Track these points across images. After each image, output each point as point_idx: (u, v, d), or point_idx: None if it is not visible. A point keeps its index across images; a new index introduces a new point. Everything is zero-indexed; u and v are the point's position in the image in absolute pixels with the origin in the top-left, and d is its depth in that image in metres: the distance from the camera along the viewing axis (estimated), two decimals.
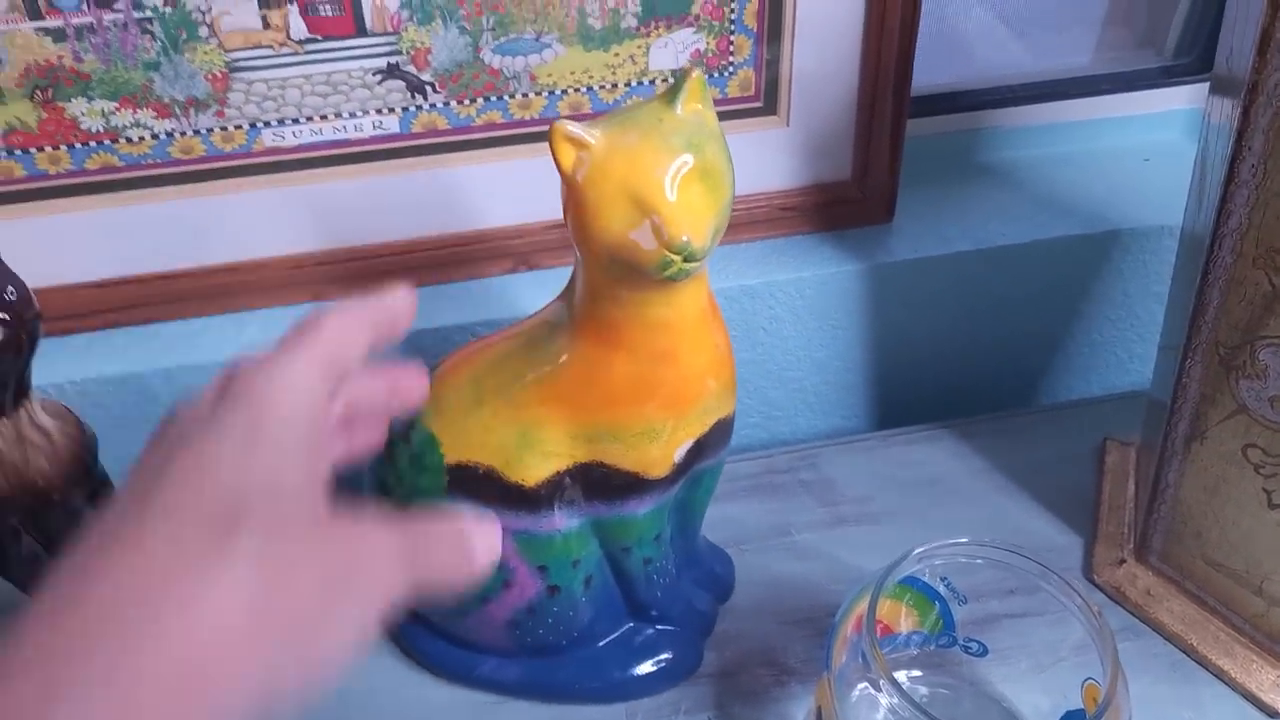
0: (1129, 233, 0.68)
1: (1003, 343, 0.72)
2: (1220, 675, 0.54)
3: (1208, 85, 0.48)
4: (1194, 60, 0.75)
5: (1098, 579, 0.58)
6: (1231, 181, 0.42)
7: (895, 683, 0.42)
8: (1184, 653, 0.55)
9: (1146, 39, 0.78)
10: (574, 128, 0.39)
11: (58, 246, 0.58)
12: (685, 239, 0.39)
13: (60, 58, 0.53)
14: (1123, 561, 0.58)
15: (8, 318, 0.38)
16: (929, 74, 0.72)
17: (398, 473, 0.49)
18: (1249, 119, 0.40)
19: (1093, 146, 0.74)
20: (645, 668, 0.53)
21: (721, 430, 0.48)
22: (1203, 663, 0.54)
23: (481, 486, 0.47)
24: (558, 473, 0.47)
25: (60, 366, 0.59)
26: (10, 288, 0.39)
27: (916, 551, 0.46)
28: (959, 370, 0.72)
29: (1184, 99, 0.74)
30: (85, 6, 0.52)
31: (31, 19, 0.52)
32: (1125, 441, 0.64)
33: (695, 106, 0.41)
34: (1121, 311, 0.72)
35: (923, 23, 0.70)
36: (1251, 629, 0.53)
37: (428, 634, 0.54)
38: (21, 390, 0.41)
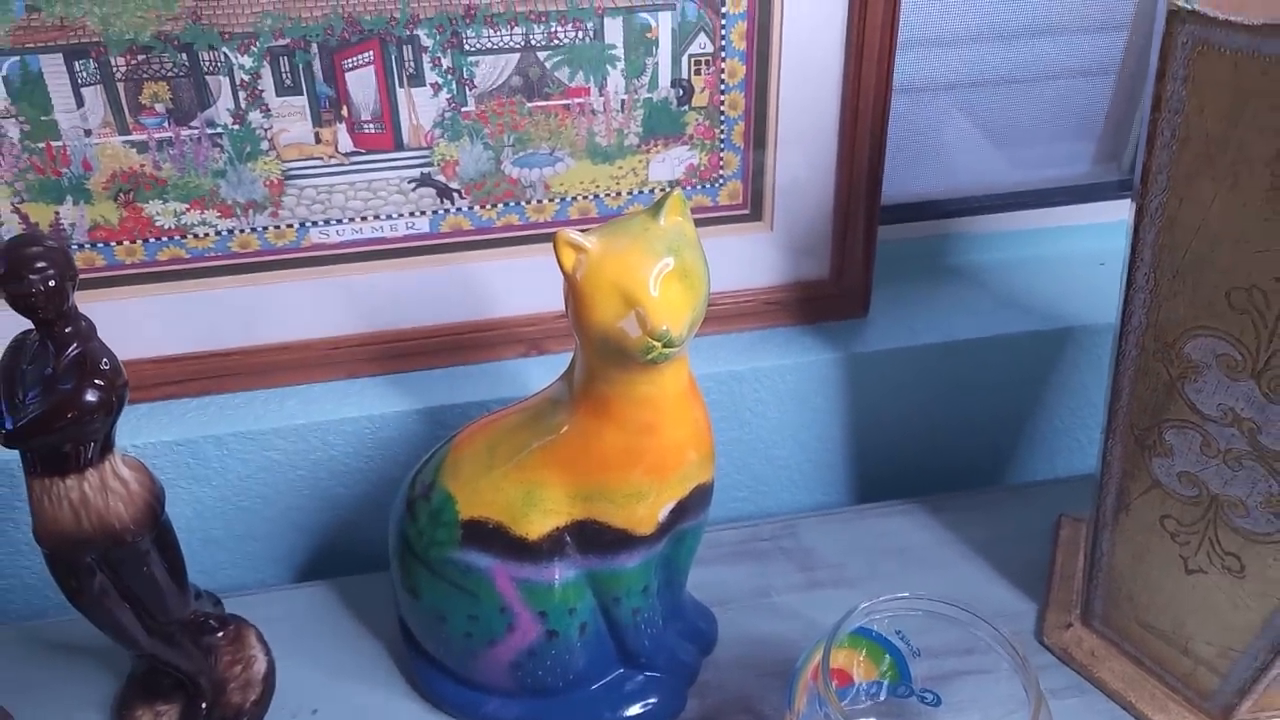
0: (1083, 329, 0.75)
1: (969, 427, 0.78)
2: None
3: None
4: None
5: (1047, 641, 0.64)
6: (1131, 285, 0.49)
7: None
8: (1124, 709, 0.60)
9: (1109, 154, 0.86)
10: (574, 235, 0.47)
11: (127, 326, 0.66)
12: (665, 328, 0.47)
13: (142, 166, 0.62)
14: (1070, 625, 0.64)
15: (102, 383, 0.46)
16: (909, 183, 0.80)
17: (418, 527, 0.56)
18: (1139, 235, 0.47)
19: (1053, 251, 0.82)
20: (634, 710, 0.59)
21: (701, 494, 0.55)
22: (1140, 718, 0.60)
23: (491, 539, 0.54)
24: (557, 528, 0.54)
25: (122, 431, 0.66)
26: (105, 360, 0.46)
27: (863, 606, 0.52)
28: (929, 451, 0.79)
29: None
30: (167, 123, 0.61)
31: (120, 133, 0.61)
32: (1078, 518, 0.70)
33: (676, 219, 0.49)
34: (1080, 400, 0.79)
35: (906, 137, 0.79)
36: (1183, 687, 0.59)
37: (438, 674, 0.60)
38: (107, 445, 0.48)
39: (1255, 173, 0.42)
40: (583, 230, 0.48)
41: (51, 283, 0.44)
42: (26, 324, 0.47)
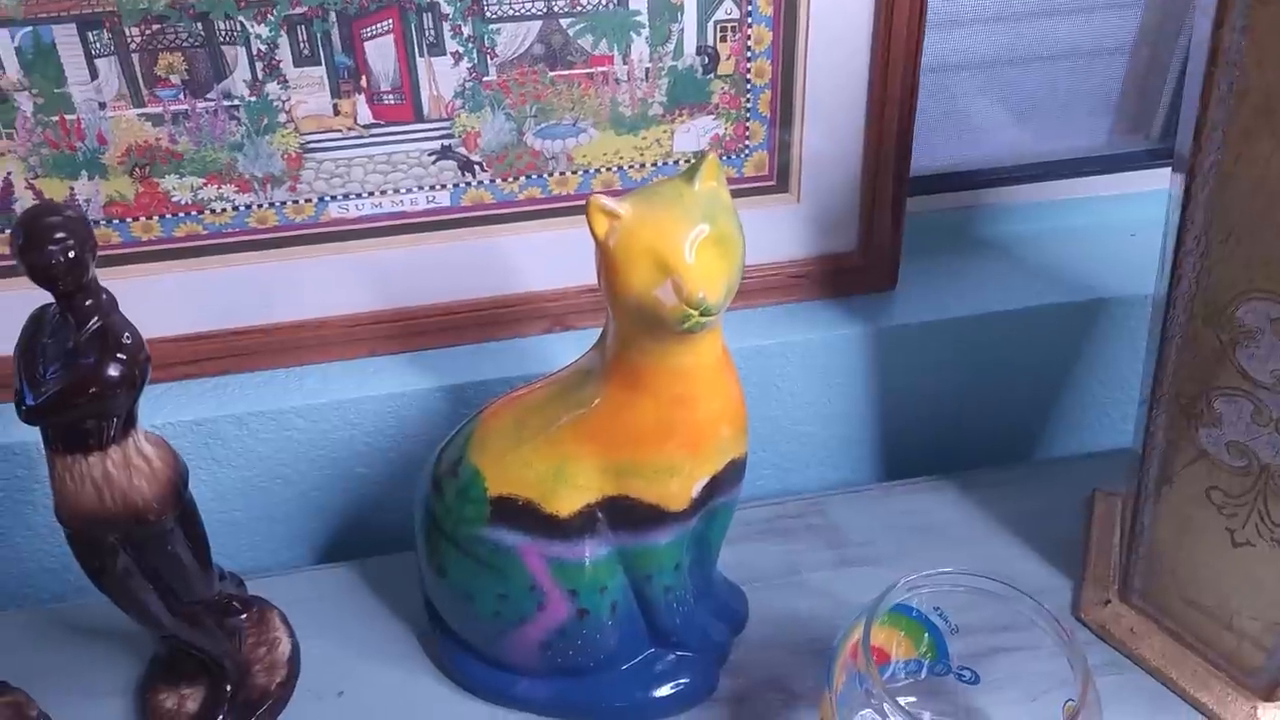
0: (1116, 301, 0.74)
1: (999, 401, 0.77)
2: (1199, 708, 0.58)
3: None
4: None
5: (1085, 617, 0.63)
6: (1180, 250, 0.48)
7: (894, 699, 0.47)
8: (1165, 686, 0.59)
9: (1137, 125, 0.85)
10: (607, 201, 0.46)
11: (144, 304, 0.64)
12: (701, 296, 0.45)
13: (158, 139, 0.61)
14: (1108, 601, 0.62)
15: (124, 357, 0.45)
16: (936, 155, 0.79)
17: (445, 504, 0.55)
18: (1190, 195, 0.46)
19: (1083, 222, 0.80)
20: (665, 690, 0.58)
21: (734, 469, 0.54)
22: (1182, 695, 0.59)
23: (520, 516, 0.53)
24: (588, 504, 0.52)
25: (140, 411, 0.65)
26: (127, 334, 0.45)
27: (906, 580, 0.51)
28: (958, 427, 0.78)
29: (1167, 180, 0.80)
30: (182, 95, 0.60)
31: (135, 106, 0.60)
32: (1113, 493, 0.69)
33: (711, 184, 0.47)
34: (1111, 374, 0.77)
35: (930, 113, 0.77)
36: (1226, 663, 0.58)
37: (466, 655, 0.59)
38: (130, 422, 0.47)
39: None
40: (615, 196, 0.46)
41: (71, 254, 0.43)
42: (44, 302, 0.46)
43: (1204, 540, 0.55)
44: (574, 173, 0.66)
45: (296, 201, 0.64)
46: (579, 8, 0.61)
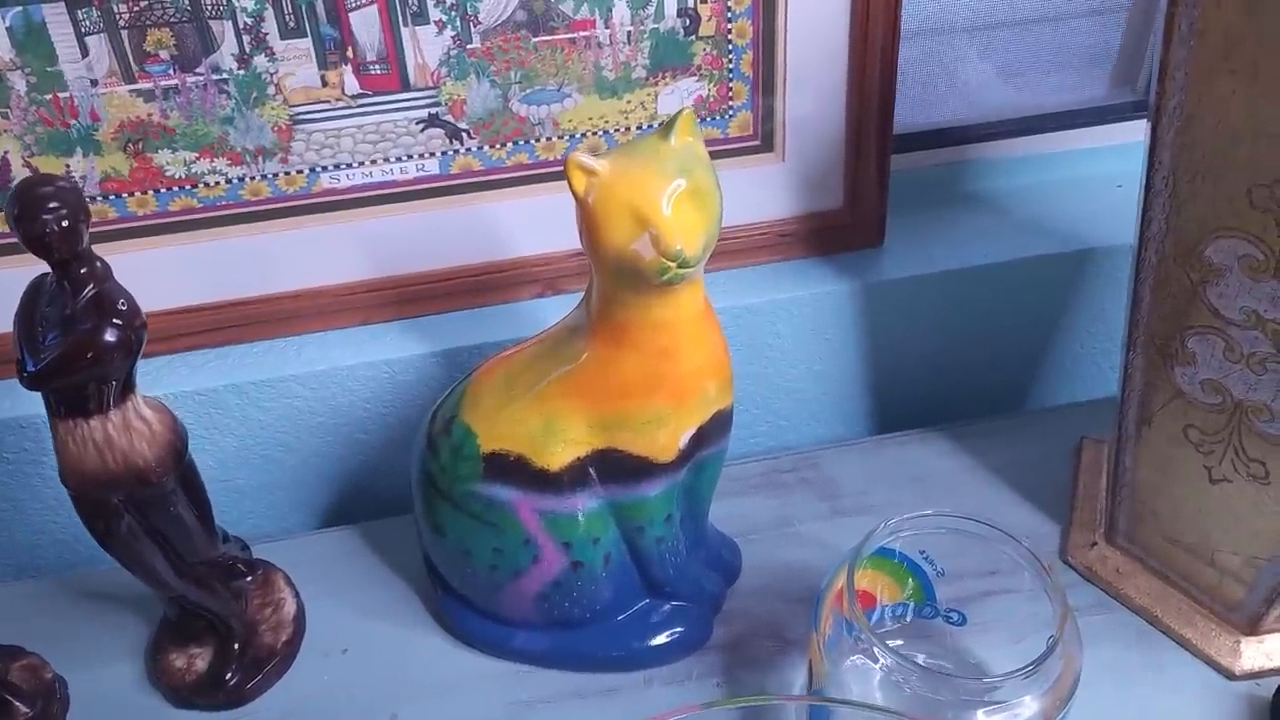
0: (1102, 251, 0.75)
1: (988, 353, 0.78)
2: (1184, 643, 0.59)
3: None
4: None
5: (1072, 560, 0.64)
6: (1150, 191, 0.48)
7: (883, 642, 0.48)
8: (1150, 624, 0.61)
9: (1124, 78, 0.85)
10: (585, 158, 0.47)
11: (143, 279, 0.65)
12: (679, 248, 0.46)
13: (150, 115, 0.62)
14: (1094, 544, 0.64)
15: (120, 322, 0.46)
16: (924, 113, 0.79)
17: (440, 463, 0.56)
18: (1157, 137, 0.47)
19: (1069, 175, 0.81)
20: (660, 639, 0.60)
21: (720, 421, 0.55)
22: (1168, 632, 0.60)
23: (513, 471, 0.54)
24: (579, 458, 0.54)
25: (142, 383, 0.66)
26: (122, 300, 0.47)
27: (887, 524, 0.52)
28: (948, 379, 0.79)
29: None
30: (172, 70, 0.61)
31: (126, 82, 0.61)
32: (1099, 439, 0.70)
33: (687, 139, 0.48)
34: (1098, 324, 0.78)
35: (921, 75, 0.78)
36: (1209, 599, 0.59)
37: (466, 611, 0.60)
38: (128, 386, 0.49)
39: (1276, 63, 0.41)
40: (594, 153, 0.47)
41: (65, 223, 0.44)
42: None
43: (1183, 479, 0.56)
44: (560, 138, 0.67)
45: (288, 173, 0.65)
46: None
